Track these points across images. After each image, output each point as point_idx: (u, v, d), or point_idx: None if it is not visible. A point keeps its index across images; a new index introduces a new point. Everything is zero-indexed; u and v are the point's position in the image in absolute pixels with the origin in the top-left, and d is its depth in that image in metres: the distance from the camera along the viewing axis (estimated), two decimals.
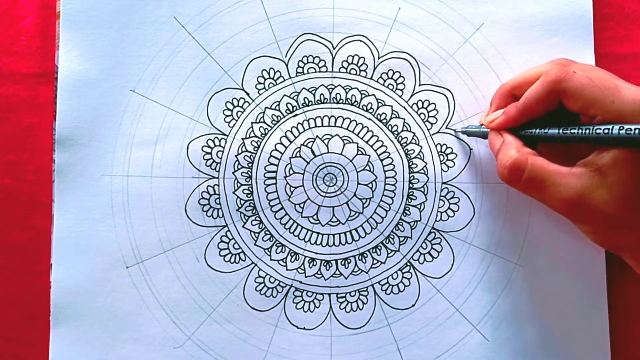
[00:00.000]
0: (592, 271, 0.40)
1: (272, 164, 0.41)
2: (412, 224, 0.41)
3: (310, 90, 0.42)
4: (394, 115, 0.41)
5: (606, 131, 0.32)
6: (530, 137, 0.36)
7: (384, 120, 0.41)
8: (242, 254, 0.41)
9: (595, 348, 0.40)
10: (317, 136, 0.41)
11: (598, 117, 0.33)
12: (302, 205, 0.41)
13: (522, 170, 0.34)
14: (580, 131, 0.34)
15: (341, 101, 0.42)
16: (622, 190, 0.32)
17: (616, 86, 0.33)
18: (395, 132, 0.41)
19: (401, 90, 0.41)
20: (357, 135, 0.41)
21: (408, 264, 0.41)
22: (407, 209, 0.41)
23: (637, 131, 0.31)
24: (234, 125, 0.41)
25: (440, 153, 0.41)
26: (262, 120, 0.42)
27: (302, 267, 0.41)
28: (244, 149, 0.41)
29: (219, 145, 0.41)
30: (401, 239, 0.41)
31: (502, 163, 0.35)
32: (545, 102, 0.35)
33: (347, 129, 0.41)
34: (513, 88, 0.38)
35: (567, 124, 0.34)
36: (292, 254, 0.41)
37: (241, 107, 0.41)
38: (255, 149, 0.41)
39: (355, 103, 0.41)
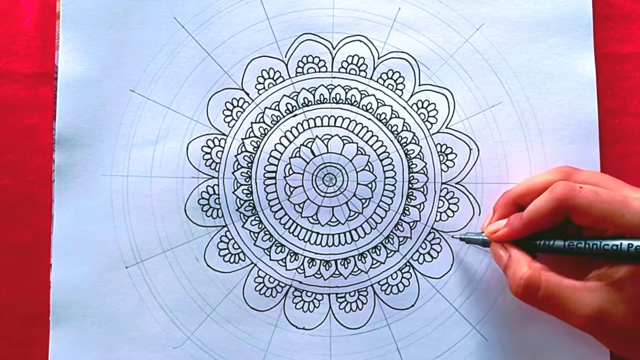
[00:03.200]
0: None
1: (271, 164, 0.41)
2: (411, 224, 0.41)
3: (310, 90, 0.42)
4: (393, 115, 0.41)
5: (615, 247, 0.32)
6: (534, 247, 0.36)
7: (384, 120, 0.41)
8: (241, 254, 0.41)
9: (595, 348, 0.40)
10: (316, 136, 0.41)
11: (609, 231, 0.33)
12: (301, 205, 0.41)
13: (536, 289, 0.34)
14: (587, 246, 0.33)
15: (341, 101, 0.42)
16: None
17: (624, 198, 0.32)
18: (395, 132, 0.41)
19: (401, 90, 0.41)
20: (357, 135, 0.41)
21: (407, 264, 0.41)
22: (407, 209, 0.41)
23: None
24: (234, 125, 0.42)
25: (440, 153, 0.41)
26: (261, 120, 0.42)
27: (301, 267, 0.41)
28: (243, 149, 0.41)
29: (219, 146, 0.41)
30: (401, 239, 0.41)
31: (514, 281, 0.34)
32: (552, 217, 0.34)
33: (346, 129, 0.41)
34: (517, 197, 0.37)
35: (572, 235, 0.34)
36: (292, 254, 0.41)
37: (241, 107, 0.42)
38: (255, 149, 0.41)
39: (355, 103, 0.41)
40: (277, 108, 0.42)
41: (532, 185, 0.37)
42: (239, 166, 0.41)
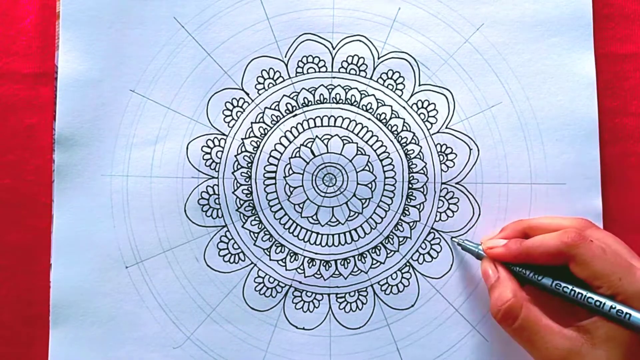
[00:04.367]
0: None
1: (271, 164, 0.41)
2: (411, 224, 0.41)
3: (309, 90, 0.42)
4: (393, 115, 0.41)
5: (598, 304, 0.32)
6: (521, 277, 0.36)
7: (384, 120, 0.41)
8: (241, 254, 0.41)
9: None
10: (316, 136, 0.41)
11: (602, 289, 0.33)
12: (301, 205, 0.41)
13: (515, 318, 0.34)
14: (572, 293, 0.34)
15: (341, 101, 0.42)
16: None
17: (629, 265, 0.33)
18: (395, 132, 0.41)
19: (401, 90, 0.41)
20: (357, 135, 0.41)
21: (407, 264, 0.41)
22: (407, 209, 0.41)
23: (628, 316, 0.31)
24: (234, 125, 0.42)
25: (440, 153, 0.41)
26: (261, 120, 0.42)
27: (301, 267, 0.41)
28: (243, 149, 0.41)
29: (219, 146, 0.41)
30: (400, 239, 0.41)
31: (497, 304, 0.35)
32: (552, 258, 0.34)
33: (346, 129, 0.41)
34: (529, 228, 0.38)
35: (562, 276, 0.34)
36: (292, 254, 0.41)
37: (241, 107, 0.42)
38: (255, 149, 0.41)
39: (355, 103, 0.41)
40: (277, 108, 0.42)
41: (547, 224, 0.37)
42: (238, 166, 0.41)
